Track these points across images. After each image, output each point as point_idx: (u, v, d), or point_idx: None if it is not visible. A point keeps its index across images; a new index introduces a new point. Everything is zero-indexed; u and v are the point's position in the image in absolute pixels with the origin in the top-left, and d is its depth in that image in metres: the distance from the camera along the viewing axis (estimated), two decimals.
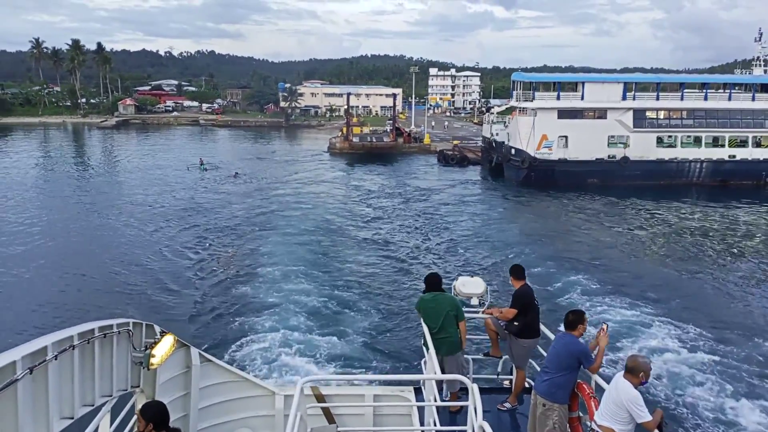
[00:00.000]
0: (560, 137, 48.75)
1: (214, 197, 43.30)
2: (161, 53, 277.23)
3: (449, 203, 42.38)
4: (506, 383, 8.40)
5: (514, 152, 50.12)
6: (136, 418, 4.85)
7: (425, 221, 36.39)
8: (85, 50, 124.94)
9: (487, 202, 44.07)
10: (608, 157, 48.96)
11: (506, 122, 55.78)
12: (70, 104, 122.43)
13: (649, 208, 41.32)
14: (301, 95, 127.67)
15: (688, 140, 50.50)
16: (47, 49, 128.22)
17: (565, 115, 49.34)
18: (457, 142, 72.03)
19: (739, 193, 46.39)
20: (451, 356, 7.69)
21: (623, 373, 5.52)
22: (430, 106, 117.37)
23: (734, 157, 50.00)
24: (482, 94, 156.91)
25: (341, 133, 76.12)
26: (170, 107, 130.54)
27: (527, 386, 7.63)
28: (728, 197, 44.76)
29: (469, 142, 75.27)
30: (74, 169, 58.46)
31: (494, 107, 70.08)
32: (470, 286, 8.58)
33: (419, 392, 7.73)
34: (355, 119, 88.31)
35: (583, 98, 50.48)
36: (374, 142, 71.51)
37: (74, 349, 4.05)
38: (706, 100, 51.66)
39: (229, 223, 34.67)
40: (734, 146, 50.36)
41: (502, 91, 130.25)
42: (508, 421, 7.52)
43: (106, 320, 4.70)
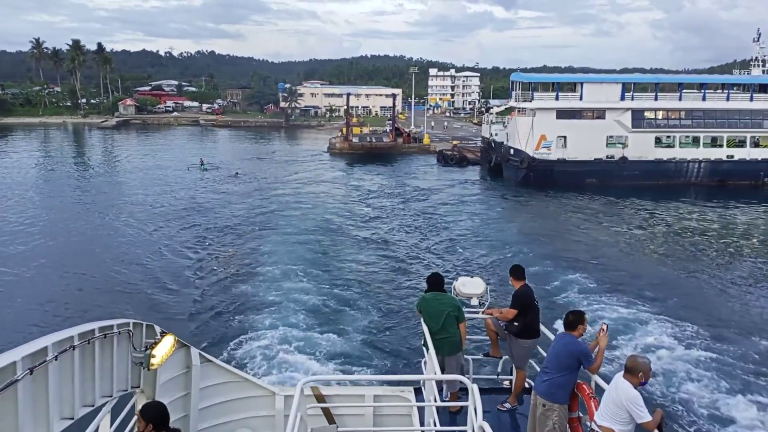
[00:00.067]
0: (559, 137, 48.77)
1: (214, 197, 43.31)
2: (161, 53, 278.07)
3: (448, 203, 42.39)
4: (506, 383, 8.39)
5: (513, 152, 50.18)
6: (136, 418, 4.85)
7: (424, 221, 36.39)
8: (85, 50, 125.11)
9: (486, 201, 44.11)
10: (607, 157, 48.98)
11: (505, 122, 55.76)
12: (70, 104, 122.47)
13: (647, 207, 41.37)
14: (301, 95, 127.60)
15: (686, 140, 50.53)
16: (47, 49, 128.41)
17: (563, 115, 49.36)
18: (456, 142, 72.04)
19: (737, 193, 46.44)
20: (451, 356, 7.68)
21: (623, 373, 5.52)
22: (429, 106, 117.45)
23: (732, 157, 50.05)
24: (482, 94, 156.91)
25: (341, 133, 76.10)
26: (170, 107, 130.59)
27: (527, 386, 7.62)
28: (726, 197, 44.80)
29: (468, 142, 75.34)
30: (74, 169, 58.44)
31: (493, 107, 69.99)
32: (470, 286, 8.55)
33: (419, 392, 7.72)
34: (354, 119, 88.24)
35: (581, 98, 50.49)
36: (374, 142, 71.54)
37: (74, 349, 4.05)
38: (704, 100, 51.71)
39: (229, 222, 34.67)
40: (732, 146, 50.39)
41: (501, 91, 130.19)
42: (508, 421, 7.52)
43: (106, 320, 4.69)
